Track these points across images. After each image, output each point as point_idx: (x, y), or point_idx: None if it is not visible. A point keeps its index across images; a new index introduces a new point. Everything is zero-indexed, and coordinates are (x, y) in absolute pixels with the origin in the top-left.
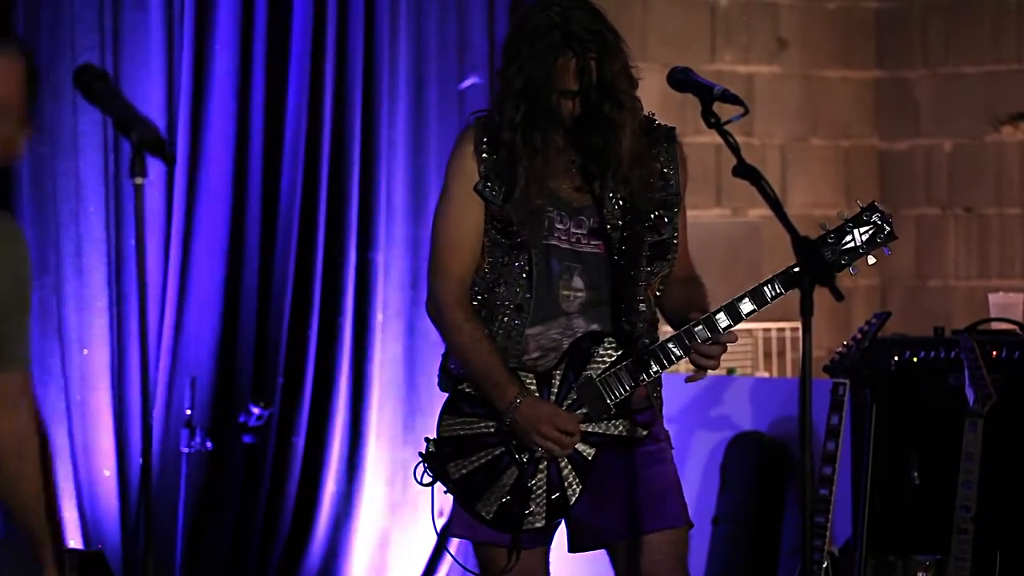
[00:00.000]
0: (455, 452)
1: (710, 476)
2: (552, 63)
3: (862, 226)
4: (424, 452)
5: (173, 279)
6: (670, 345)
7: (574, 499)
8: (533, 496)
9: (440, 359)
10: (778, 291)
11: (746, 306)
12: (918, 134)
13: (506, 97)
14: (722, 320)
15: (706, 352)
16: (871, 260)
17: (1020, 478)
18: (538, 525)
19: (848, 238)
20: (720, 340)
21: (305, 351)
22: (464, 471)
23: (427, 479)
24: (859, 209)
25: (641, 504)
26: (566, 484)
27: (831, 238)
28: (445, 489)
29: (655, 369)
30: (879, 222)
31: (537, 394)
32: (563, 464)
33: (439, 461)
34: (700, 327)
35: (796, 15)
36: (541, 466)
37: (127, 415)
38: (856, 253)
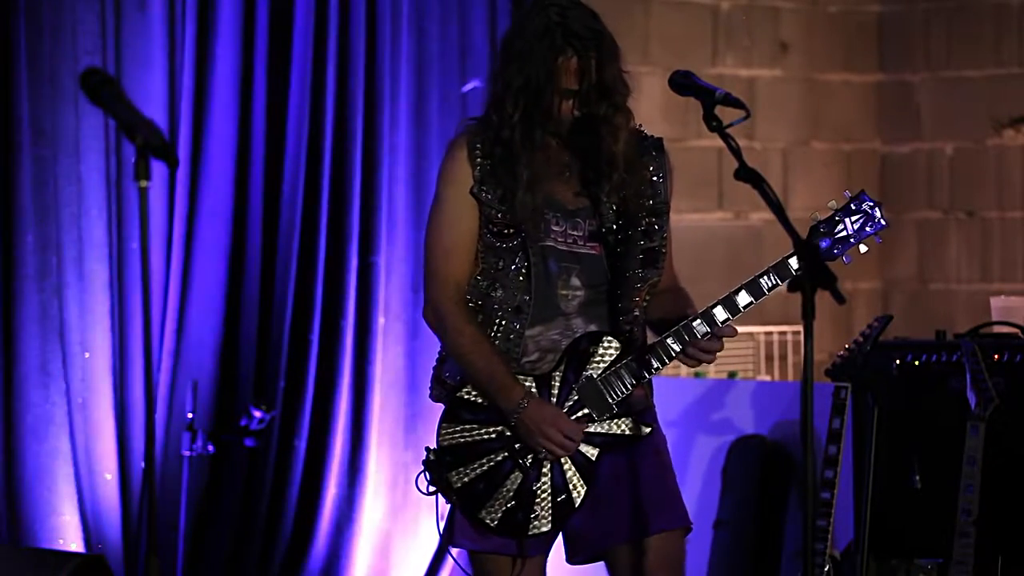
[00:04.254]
0: (456, 460)
1: (712, 480)
2: (553, 63)
3: (853, 215)
4: (425, 460)
5: (175, 282)
6: (669, 341)
7: (579, 501)
8: (538, 500)
9: (432, 370)
10: (774, 282)
11: (743, 298)
12: (920, 138)
13: (505, 96)
14: (720, 314)
15: (704, 347)
16: (863, 249)
17: (1022, 482)
18: (544, 529)
19: (840, 227)
20: (719, 335)
21: (307, 354)
22: (466, 479)
23: (430, 489)
24: (848, 198)
25: (641, 506)
26: (571, 486)
27: (823, 228)
28: (447, 500)
29: (656, 366)
30: (869, 211)
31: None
32: (567, 466)
33: (440, 470)
34: (699, 321)
35: (798, 19)
36: (544, 469)
37: (129, 418)
38: (848, 242)
